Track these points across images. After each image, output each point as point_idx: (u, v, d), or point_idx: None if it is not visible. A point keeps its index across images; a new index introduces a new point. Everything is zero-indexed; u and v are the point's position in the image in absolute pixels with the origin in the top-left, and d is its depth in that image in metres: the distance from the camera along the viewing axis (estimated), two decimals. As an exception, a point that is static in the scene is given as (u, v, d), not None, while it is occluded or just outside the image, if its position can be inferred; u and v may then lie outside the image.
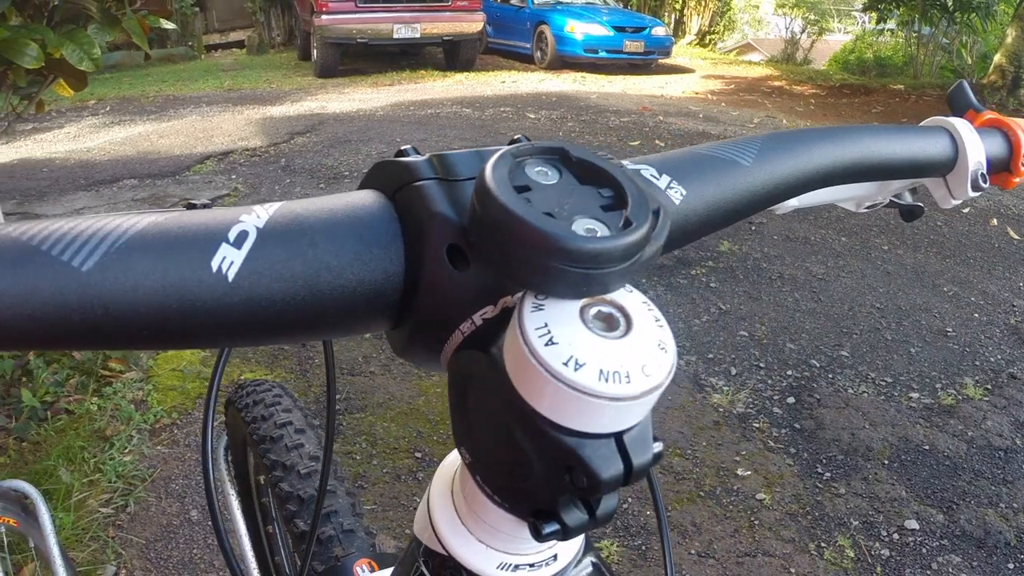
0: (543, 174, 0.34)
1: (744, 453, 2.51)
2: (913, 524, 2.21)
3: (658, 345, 0.31)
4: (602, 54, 10.95)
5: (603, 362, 0.29)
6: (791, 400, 2.80)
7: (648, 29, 11.31)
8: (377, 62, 11.39)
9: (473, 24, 10.25)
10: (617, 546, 2.13)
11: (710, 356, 3.10)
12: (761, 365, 3.04)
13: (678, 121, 7.48)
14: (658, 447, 0.33)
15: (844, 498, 2.31)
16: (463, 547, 0.41)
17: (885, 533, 2.18)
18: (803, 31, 15.55)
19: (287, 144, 6.37)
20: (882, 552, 2.12)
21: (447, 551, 0.41)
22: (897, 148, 0.57)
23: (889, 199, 0.68)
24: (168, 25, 2.45)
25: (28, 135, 7.00)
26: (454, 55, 10.86)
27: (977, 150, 0.60)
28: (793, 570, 2.05)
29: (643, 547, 2.13)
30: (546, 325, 0.30)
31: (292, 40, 13.83)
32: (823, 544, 2.13)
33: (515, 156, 0.34)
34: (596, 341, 0.30)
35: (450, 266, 0.33)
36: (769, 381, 2.93)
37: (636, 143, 6.42)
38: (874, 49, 14.10)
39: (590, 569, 0.44)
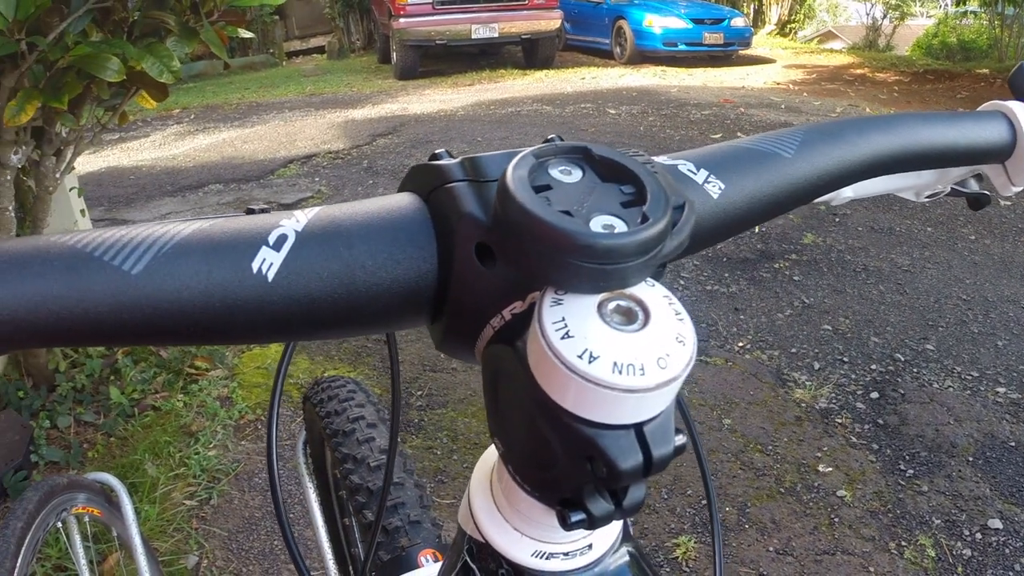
0: (566, 172, 0.35)
1: (826, 449, 2.46)
2: (997, 524, 2.14)
3: (676, 338, 0.32)
4: (681, 47, 10.84)
5: (618, 355, 0.30)
6: (875, 395, 2.74)
7: (727, 20, 11.15)
8: (457, 63, 11.47)
9: (550, 22, 10.25)
10: (694, 542, 2.11)
11: (793, 351, 3.05)
12: (845, 359, 2.97)
13: (760, 112, 7.36)
14: (680, 439, 0.33)
15: (927, 496, 2.25)
16: (500, 535, 0.42)
17: (968, 532, 2.12)
18: (884, 16, 15.12)
19: (369, 146, 6.46)
20: (964, 552, 2.05)
21: (485, 539, 0.43)
22: (950, 135, 0.55)
23: (950, 188, 0.66)
24: (246, 34, 2.51)
25: (115, 144, 7.26)
26: (533, 53, 10.87)
27: None
28: (872, 569, 2.00)
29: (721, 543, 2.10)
30: (563, 319, 0.31)
31: (372, 44, 14.02)
32: (904, 543, 2.08)
33: (537, 157, 0.35)
34: (611, 334, 0.31)
35: (479, 263, 0.35)
36: (852, 376, 2.86)
37: (718, 136, 6.34)
38: (957, 33, 13.66)
39: (626, 559, 0.45)
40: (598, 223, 0.32)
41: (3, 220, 2.24)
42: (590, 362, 0.30)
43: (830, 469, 2.37)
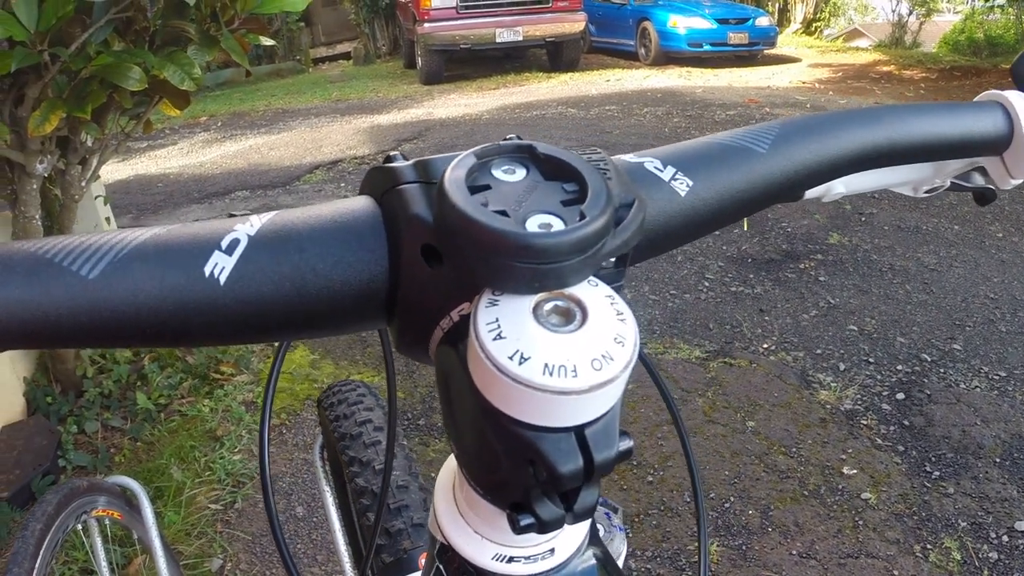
0: (509, 172, 0.35)
1: (850, 451, 2.44)
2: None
3: (614, 339, 0.31)
4: (706, 47, 10.80)
5: (549, 356, 0.30)
6: (900, 396, 2.71)
7: (751, 20, 11.09)
8: (482, 66, 11.50)
9: (575, 24, 10.24)
10: (717, 546, 2.10)
11: (818, 352, 3.03)
12: (870, 360, 2.95)
13: (785, 112, 7.32)
14: (626, 443, 0.33)
15: (952, 498, 2.22)
16: (461, 538, 0.42)
17: (994, 535, 2.09)
18: (910, 13, 14.96)
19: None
20: (990, 555, 2.03)
21: (448, 542, 0.42)
22: (942, 127, 0.53)
23: (950, 182, 0.64)
24: (267, 42, 2.53)
25: (143, 152, 7.34)
26: (558, 56, 10.87)
27: None
28: (896, 572, 1.98)
29: (743, 547, 2.09)
30: (497, 320, 0.31)
31: (397, 49, 14.09)
32: (929, 546, 2.06)
33: (479, 157, 0.35)
34: (543, 335, 0.30)
35: (426, 265, 0.35)
36: (878, 376, 2.84)
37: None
38: (984, 28, 13.48)
39: (592, 563, 0.44)
40: (535, 222, 0.32)
41: (30, 228, 2.27)
42: (520, 363, 0.29)
43: (855, 471, 2.35)
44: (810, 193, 0.61)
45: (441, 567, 0.45)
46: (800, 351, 3.04)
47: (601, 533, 0.59)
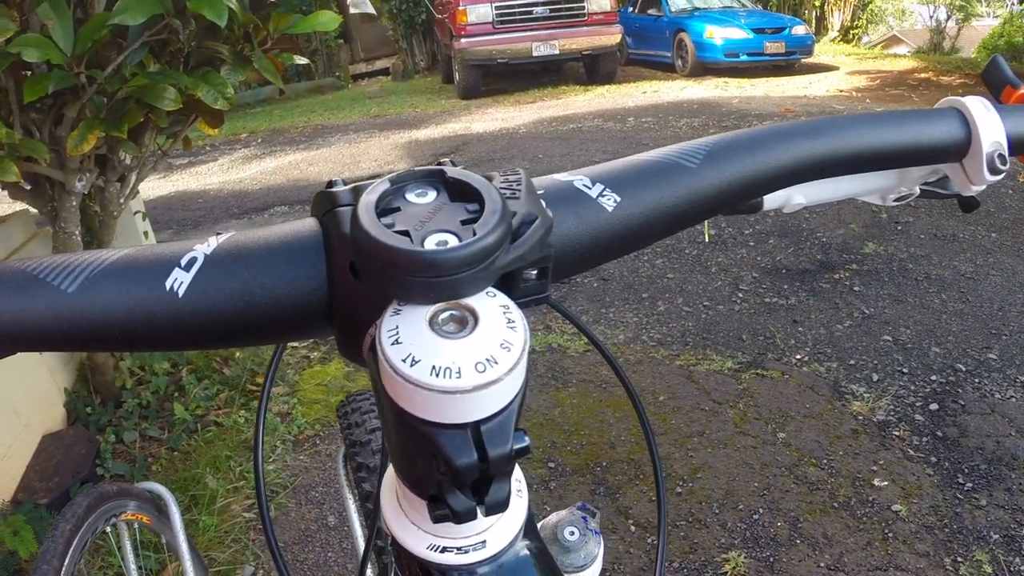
0: (422, 195, 0.39)
1: (882, 462, 2.42)
2: (1061, 537, 2.09)
3: (501, 344, 0.34)
4: (743, 58, 10.76)
5: (437, 359, 0.33)
6: (934, 406, 2.69)
7: (788, 29, 11.03)
8: (519, 80, 11.55)
9: (611, 37, 10.26)
10: (744, 557, 2.10)
11: (851, 362, 3.01)
12: (904, 370, 2.93)
13: (822, 122, 7.26)
14: (521, 442, 0.35)
15: (985, 510, 2.20)
16: (399, 528, 0.44)
17: (1028, 546, 2.07)
18: (948, 18, 14.77)
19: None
20: (1022, 568, 2.00)
21: (391, 533, 0.45)
22: (893, 135, 0.53)
23: (919, 190, 0.64)
24: (301, 60, 2.58)
25: (184, 169, 7.48)
26: (594, 69, 10.89)
27: (994, 129, 0.55)
28: (925, 584, 1.97)
29: (771, 559, 2.09)
30: (397, 327, 0.34)
31: (435, 64, 14.19)
32: (960, 559, 2.04)
33: (393, 183, 0.39)
34: (434, 340, 0.33)
35: (352, 279, 0.38)
36: (912, 387, 2.82)
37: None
38: (1024, 32, 13.29)
39: (525, 555, 0.46)
40: (433, 240, 0.35)
41: (70, 243, 2.34)
42: (412, 365, 0.33)
43: (886, 483, 2.33)
44: (769, 204, 0.63)
45: (392, 558, 0.48)
46: (833, 362, 3.03)
47: (575, 536, 0.62)
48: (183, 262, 0.39)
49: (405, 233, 0.35)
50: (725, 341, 3.28)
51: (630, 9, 12.67)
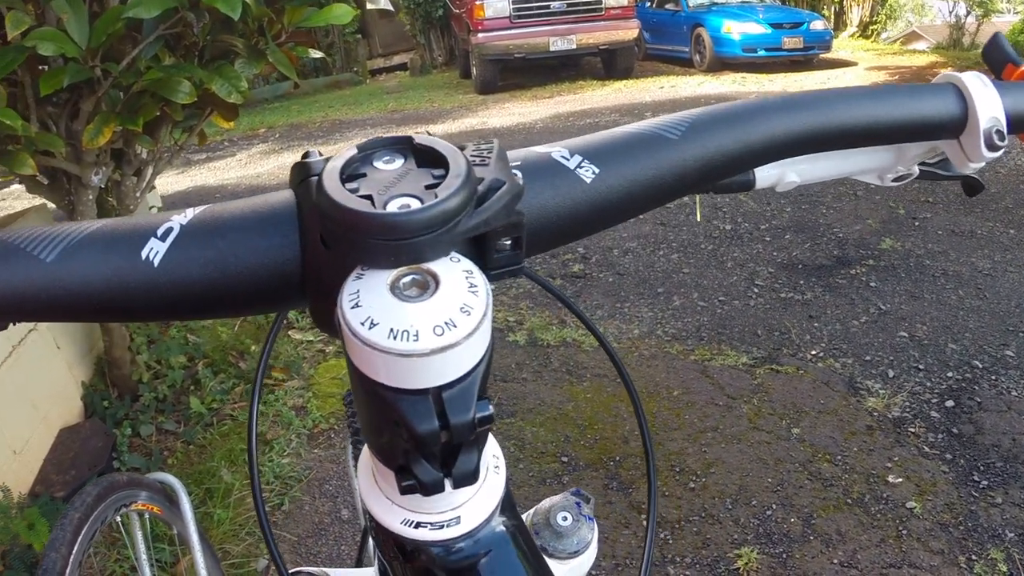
0: (389, 161, 0.38)
1: (896, 459, 2.41)
2: (1077, 536, 2.07)
3: (460, 308, 0.33)
4: (761, 53, 10.69)
5: (394, 322, 0.32)
6: (950, 403, 2.67)
7: (806, 24, 10.95)
8: (536, 75, 11.53)
9: (628, 32, 10.22)
10: (757, 553, 2.09)
11: (867, 358, 3.00)
12: (920, 367, 2.91)
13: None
14: (485, 410, 0.34)
15: (1000, 508, 2.18)
16: (375, 504, 0.44)
17: (1043, 545, 2.05)
18: (968, 14, 14.61)
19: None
20: (1037, 564, 1.99)
21: (367, 508, 0.45)
22: (886, 110, 0.51)
23: (919, 170, 0.62)
24: (316, 54, 2.59)
25: (202, 164, 7.52)
26: (612, 64, 10.85)
27: (992, 105, 0.53)
28: (939, 582, 1.96)
29: (784, 555, 2.08)
30: (358, 291, 0.34)
31: (453, 60, 14.19)
32: (974, 556, 2.03)
33: (361, 149, 0.38)
34: (392, 303, 0.33)
35: (323, 247, 0.38)
36: (928, 383, 2.80)
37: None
38: (1045, 28, 13.10)
39: (501, 533, 0.46)
40: (396, 204, 0.34)
41: (86, 237, 2.35)
42: (370, 328, 0.32)
43: (900, 480, 2.32)
44: (762, 181, 0.62)
45: (373, 532, 0.47)
46: (849, 358, 3.01)
47: (568, 521, 0.61)
48: (159, 232, 0.39)
49: (369, 198, 0.35)
50: (740, 336, 3.27)
51: (648, 4, 12.61)
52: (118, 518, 1.29)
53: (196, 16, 1.97)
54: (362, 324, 0.32)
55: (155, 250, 0.38)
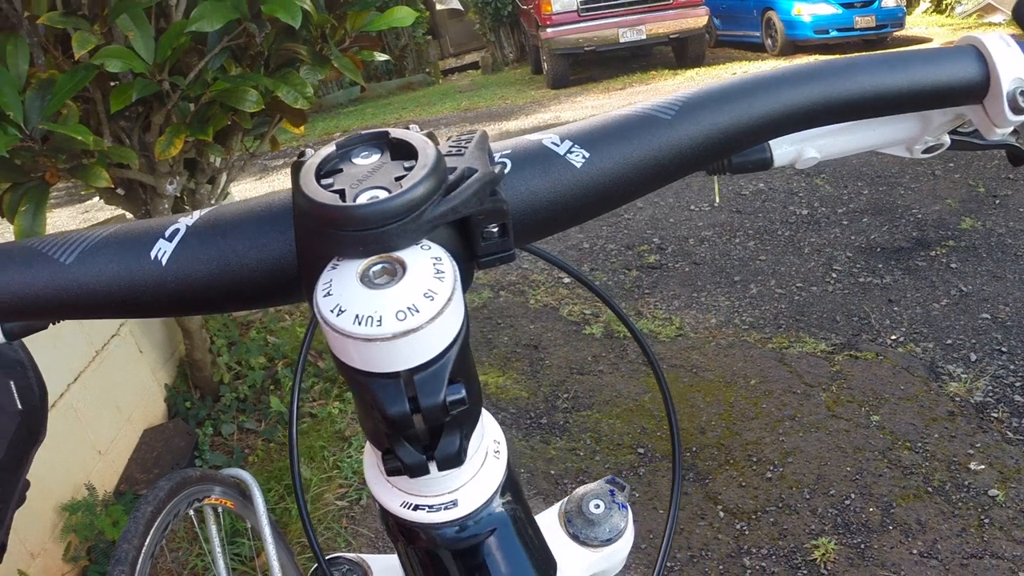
0: (366, 156, 0.40)
1: (979, 445, 2.34)
2: None
3: (424, 294, 0.34)
4: (833, 34, 10.43)
5: (360, 308, 0.33)
6: (1036, 386, 2.59)
7: (877, 2, 10.63)
8: (608, 68, 11.47)
9: (697, 19, 10.08)
10: (835, 543, 2.06)
11: (948, 342, 2.92)
12: (1003, 349, 2.82)
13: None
14: (457, 393, 0.35)
15: (1088, 492, 2.11)
16: (377, 486, 0.46)
17: None
18: (1048, -18, 13.96)
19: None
20: None
21: (371, 491, 0.46)
22: (899, 77, 0.48)
23: (950, 139, 0.59)
24: (381, 57, 2.62)
25: (279, 170, 7.67)
26: (683, 52, 10.73)
27: (1016, 66, 0.49)
28: (1022, 575, 1.90)
29: (862, 545, 2.05)
30: (331, 281, 0.35)
31: (524, 56, 14.19)
32: (1060, 542, 1.96)
33: (339, 147, 0.40)
34: (359, 290, 0.34)
35: (308, 241, 0.39)
36: (1012, 367, 2.71)
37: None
38: None
39: (499, 519, 0.47)
40: (366, 196, 0.36)
41: (164, 245, 2.43)
42: (338, 315, 0.33)
43: (982, 467, 2.25)
44: (780, 159, 0.60)
45: (380, 516, 0.49)
46: (929, 342, 2.94)
47: (601, 509, 0.61)
48: (167, 233, 0.41)
49: (342, 192, 0.36)
50: (819, 323, 3.22)
51: (717, -10, 12.45)
52: (191, 512, 1.34)
53: (258, 26, 2.01)
54: (331, 311, 0.34)
55: (163, 250, 0.40)
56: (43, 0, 1.81)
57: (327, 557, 0.63)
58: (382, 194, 0.36)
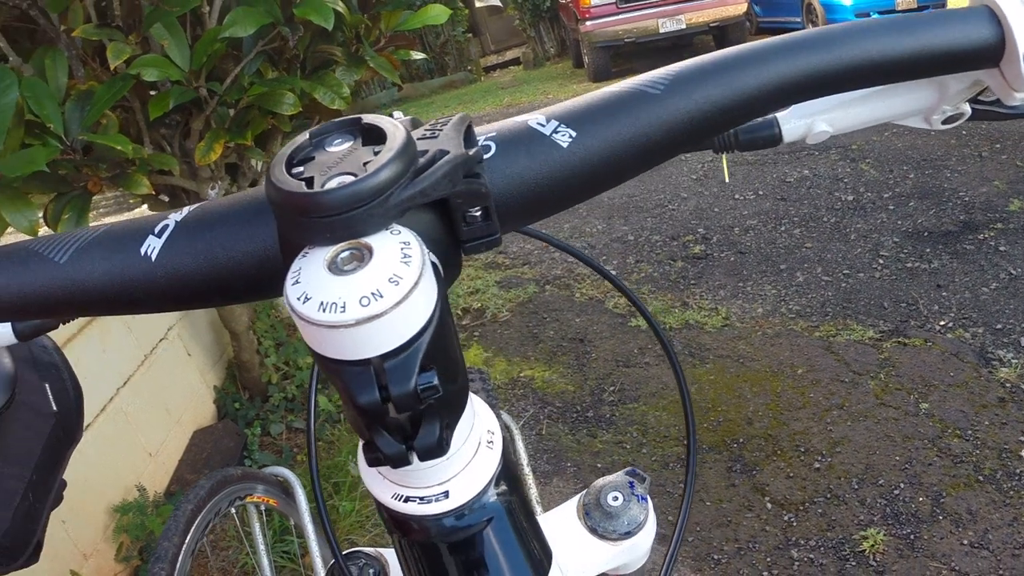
0: (340, 143, 0.39)
1: (1032, 432, 2.30)
2: None
3: (389, 279, 0.33)
4: (875, 16, 10.24)
5: (325, 295, 0.33)
6: (1091, 370, 2.52)
7: (920, -18, 10.43)
8: (649, 59, 11.38)
9: (737, 7, 9.96)
10: (884, 534, 2.03)
11: (998, 327, 2.86)
12: (1058, 333, 2.76)
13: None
14: (429, 380, 0.34)
15: None
16: (369, 478, 0.45)
17: None
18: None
19: None
20: None
21: (364, 483, 0.46)
22: (904, 41, 0.45)
23: (971, 108, 0.55)
24: (417, 56, 2.63)
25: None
26: (723, 40, 10.60)
27: None
28: (1076, 557, 1.86)
29: (912, 536, 2.01)
30: (299, 269, 0.35)
31: (565, 50, 14.13)
32: (1117, 528, 1.91)
33: (312, 136, 0.39)
34: (324, 277, 0.34)
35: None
36: (1066, 350, 2.65)
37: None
38: None
39: (494, 506, 0.46)
40: (334, 182, 0.35)
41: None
42: (304, 303, 0.33)
43: (1036, 453, 2.21)
44: (789, 134, 0.57)
45: (376, 507, 0.49)
46: (979, 327, 2.88)
47: (619, 501, 0.59)
48: (156, 229, 0.41)
49: (310, 180, 0.35)
50: (866, 310, 3.17)
51: (757, -24, 12.28)
52: (233, 510, 1.36)
53: (291, 29, 2.04)
54: (298, 299, 0.33)
55: (152, 246, 0.41)
56: (79, 13, 1.85)
57: (346, 552, 0.63)
58: (349, 179, 0.35)
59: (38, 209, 1.73)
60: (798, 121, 0.58)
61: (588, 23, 9.75)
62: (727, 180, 4.40)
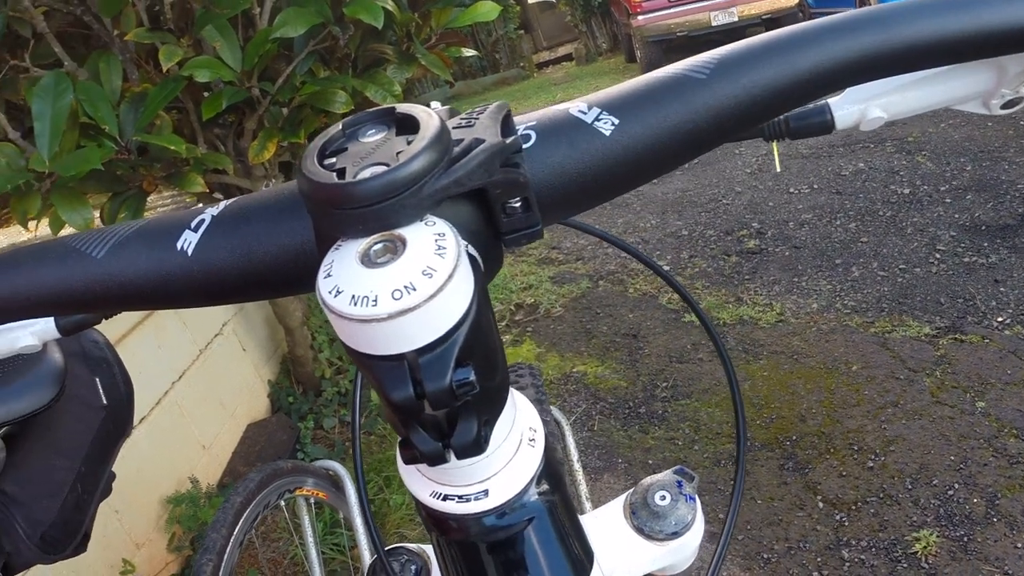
0: (373, 134, 0.38)
1: (1094, 430, 2.24)
2: None
3: (422, 272, 0.32)
4: (937, 4, 10.03)
5: (357, 288, 0.32)
6: None
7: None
8: (703, 51, 11.26)
9: (789, -2, 9.84)
10: (937, 536, 2.00)
11: (1060, 323, 2.79)
12: (1123, 329, 2.68)
13: None
14: (466, 375, 0.33)
15: None
16: (408, 476, 0.45)
17: None
18: None
19: None
20: None
21: (403, 480, 0.46)
22: (962, 19, 0.42)
23: None
24: (468, 53, 2.64)
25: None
26: (778, 32, 10.47)
27: None
28: None
29: (965, 538, 1.98)
30: (332, 262, 0.34)
31: (617, 45, 14.04)
32: None
33: (345, 127, 0.39)
34: (356, 270, 0.33)
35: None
36: None
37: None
38: None
39: (536, 506, 0.45)
40: (367, 173, 0.34)
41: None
42: (335, 296, 0.32)
43: (1098, 452, 2.15)
44: (842, 121, 0.54)
45: (415, 505, 0.48)
46: (1041, 322, 2.81)
47: (667, 501, 0.58)
48: (193, 224, 0.42)
49: (342, 171, 0.35)
50: (922, 305, 3.11)
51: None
52: (282, 503, 1.38)
53: (342, 29, 2.06)
54: (330, 292, 0.33)
55: (189, 240, 0.41)
56: (131, 18, 1.89)
57: (388, 547, 0.63)
58: (381, 169, 0.34)
59: (95, 208, 1.77)
60: (851, 107, 0.54)
61: (640, 17, 9.68)
62: (779, 169, 4.32)
